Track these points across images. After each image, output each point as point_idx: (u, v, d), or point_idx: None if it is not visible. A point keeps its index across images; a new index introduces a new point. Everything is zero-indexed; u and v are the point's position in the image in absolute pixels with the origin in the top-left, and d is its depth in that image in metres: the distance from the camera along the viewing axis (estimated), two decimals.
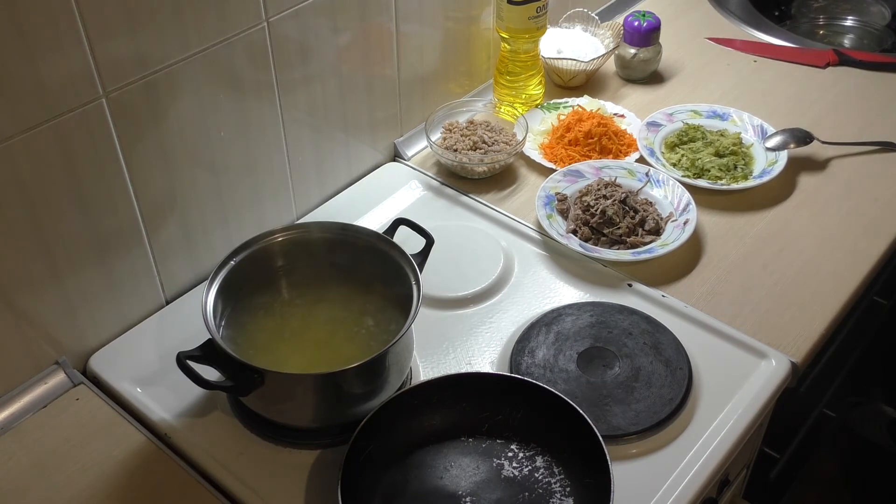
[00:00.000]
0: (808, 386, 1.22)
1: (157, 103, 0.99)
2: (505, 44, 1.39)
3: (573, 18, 1.58)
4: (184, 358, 0.87)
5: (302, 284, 1.03)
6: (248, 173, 1.14)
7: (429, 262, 1.02)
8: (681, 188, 1.25)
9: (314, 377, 0.92)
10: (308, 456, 0.95)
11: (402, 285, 0.97)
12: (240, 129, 1.10)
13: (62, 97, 0.89)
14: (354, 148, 1.30)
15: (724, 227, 1.24)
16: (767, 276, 1.16)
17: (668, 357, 1.03)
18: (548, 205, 1.24)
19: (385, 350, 0.90)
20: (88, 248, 1.00)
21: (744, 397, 1.00)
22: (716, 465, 0.94)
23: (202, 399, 1.00)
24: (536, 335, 1.06)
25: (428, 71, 1.36)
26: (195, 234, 1.12)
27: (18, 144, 0.87)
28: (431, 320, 1.09)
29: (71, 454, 0.95)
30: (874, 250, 1.19)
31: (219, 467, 0.94)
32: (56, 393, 1.01)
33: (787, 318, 1.10)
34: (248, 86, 1.08)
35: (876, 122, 1.42)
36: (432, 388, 0.95)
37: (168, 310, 1.12)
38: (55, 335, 1.01)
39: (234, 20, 1.02)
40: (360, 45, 1.21)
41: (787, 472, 1.43)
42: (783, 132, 1.36)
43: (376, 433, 0.91)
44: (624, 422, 0.96)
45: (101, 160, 0.96)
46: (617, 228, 1.19)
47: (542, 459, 0.92)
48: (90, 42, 0.89)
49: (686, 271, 1.17)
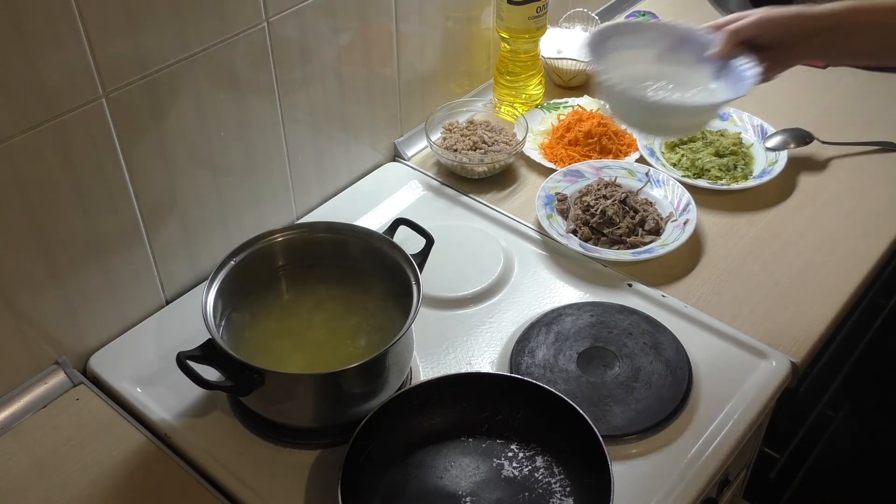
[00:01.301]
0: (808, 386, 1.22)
1: (157, 103, 0.99)
2: (505, 44, 1.39)
3: (573, 18, 1.58)
4: (184, 358, 0.87)
5: (302, 284, 1.03)
6: (248, 173, 1.14)
7: (429, 262, 1.02)
8: (681, 188, 1.25)
9: (314, 377, 0.92)
10: (308, 456, 0.95)
11: (402, 285, 0.97)
12: (240, 129, 1.10)
13: (62, 97, 0.89)
14: (354, 148, 1.30)
15: (724, 227, 1.24)
16: (767, 276, 1.16)
17: (668, 357, 1.03)
18: (548, 205, 1.24)
19: (385, 350, 0.90)
20: (88, 248, 1.00)
21: (744, 397, 1.00)
22: (716, 465, 0.94)
23: (202, 399, 1.00)
24: (536, 335, 1.06)
25: (428, 71, 1.36)
26: (195, 234, 1.12)
27: (18, 144, 0.87)
28: (431, 320, 1.09)
29: (71, 454, 0.95)
30: (874, 250, 1.19)
31: (219, 467, 0.94)
32: (56, 393, 1.01)
33: (787, 318, 1.10)
34: (248, 86, 1.08)
35: (876, 122, 1.42)
36: (432, 388, 0.95)
37: (168, 310, 1.12)
38: (55, 335, 1.01)
39: (234, 20, 1.02)
40: (360, 45, 1.21)
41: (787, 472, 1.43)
42: (783, 132, 1.36)
43: (376, 433, 0.91)
44: (624, 422, 0.96)
45: (101, 160, 0.96)
46: (617, 228, 1.19)
47: (542, 459, 0.92)
48: (90, 42, 0.89)
49: (686, 271, 1.17)
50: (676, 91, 0.98)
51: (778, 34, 0.97)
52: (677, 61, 1.00)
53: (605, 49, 1.00)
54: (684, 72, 1.00)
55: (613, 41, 1.00)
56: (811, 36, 0.96)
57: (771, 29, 0.96)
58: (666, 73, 1.00)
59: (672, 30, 1.01)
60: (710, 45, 0.98)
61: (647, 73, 1.00)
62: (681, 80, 0.99)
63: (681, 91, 0.98)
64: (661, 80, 0.99)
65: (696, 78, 0.99)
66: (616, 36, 1.01)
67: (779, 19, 0.96)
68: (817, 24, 0.95)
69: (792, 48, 0.98)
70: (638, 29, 1.02)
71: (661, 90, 0.98)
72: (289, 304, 1.03)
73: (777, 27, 0.96)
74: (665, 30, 1.02)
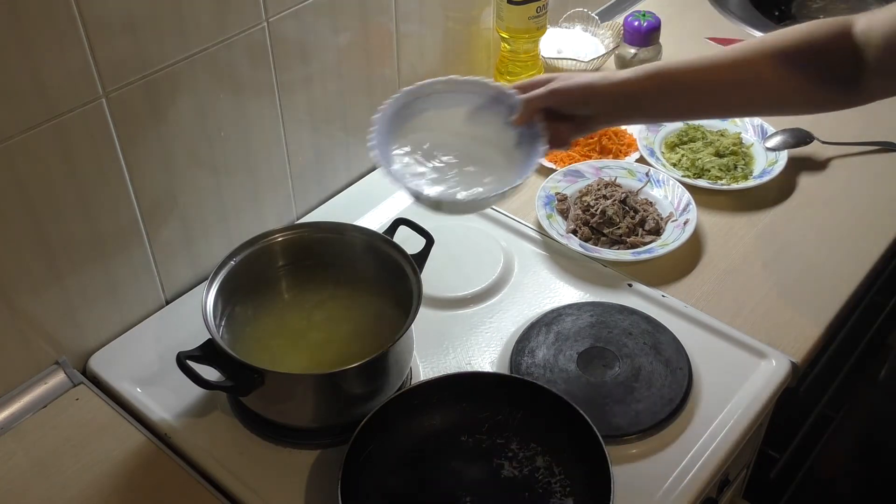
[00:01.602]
0: (808, 386, 1.22)
1: (157, 103, 0.99)
2: (505, 44, 1.39)
3: (573, 18, 1.58)
4: (184, 358, 0.88)
5: (302, 284, 1.03)
6: (248, 173, 1.14)
7: (429, 262, 1.02)
8: (681, 188, 1.25)
9: (314, 377, 0.92)
10: (308, 456, 0.95)
11: (402, 285, 0.97)
12: (240, 129, 1.10)
13: (62, 97, 0.89)
14: (354, 148, 1.30)
15: (724, 227, 1.24)
16: (767, 276, 1.16)
17: (668, 357, 1.03)
18: (548, 205, 1.24)
19: (385, 350, 0.90)
20: (88, 248, 1.00)
21: (744, 397, 1.00)
22: (716, 465, 0.94)
23: (202, 399, 1.00)
24: (536, 335, 1.06)
25: (428, 71, 1.36)
26: (195, 234, 1.12)
27: (18, 144, 0.87)
28: (431, 320, 1.09)
29: (71, 454, 0.95)
30: (874, 250, 1.19)
31: (219, 467, 0.94)
32: (56, 393, 1.01)
33: (787, 318, 1.10)
34: (248, 86, 1.08)
35: (876, 122, 1.42)
36: (432, 388, 0.95)
37: (168, 310, 1.12)
38: (55, 335, 1.01)
39: (233, 20, 1.02)
40: (360, 45, 1.21)
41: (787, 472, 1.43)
42: (783, 132, 1.36)
43: (376, 433, 0.91)
44: (624, 422, 0.96)
45: (101, 160, 0.96)
46: (617, 228, 1.19)
47: (542, 459, 0.92)
48: (90, 42, 0.89)
49: (686, 271, 1.17)
50: (463, 171, 0.95)
51: (576, 106, 0.95)
52: (486, 121, 0.97)
53: (406, 116, 0.97)
54: (491, 134, 0.97)
55: (421, 103, 0.98)
56: (610, 106, 0.94)
57: (566, 100, 0.94)
58: (468, 141, 0.97)
59: (484, 88, 0.98)
60: (515, 108, 0.95)
61: (447, 143, 0.97)
62: (481, 148, 0.97)
63: (471, 165, 0.96)
64: (454, 152, 0.96)
65: (501, 140, 0.96)
66: (424, 97, 0.98)
67: (574, 90, 0.93)
68: (614, 93, 0.93)
69: (593, 118, 0.96)
70: (451, 86, 0.98)
71: (444, 175, 0.95)
72: (289, 304, 1.03)
73: (573, 98, 0.94)
74: (478, 87, 0.98)
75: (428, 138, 0.98)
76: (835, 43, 0.89)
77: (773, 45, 0.91)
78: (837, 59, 0.89)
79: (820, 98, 0.94)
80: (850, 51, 0.88)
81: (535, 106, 0.94)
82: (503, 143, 0.97)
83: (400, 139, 0.97)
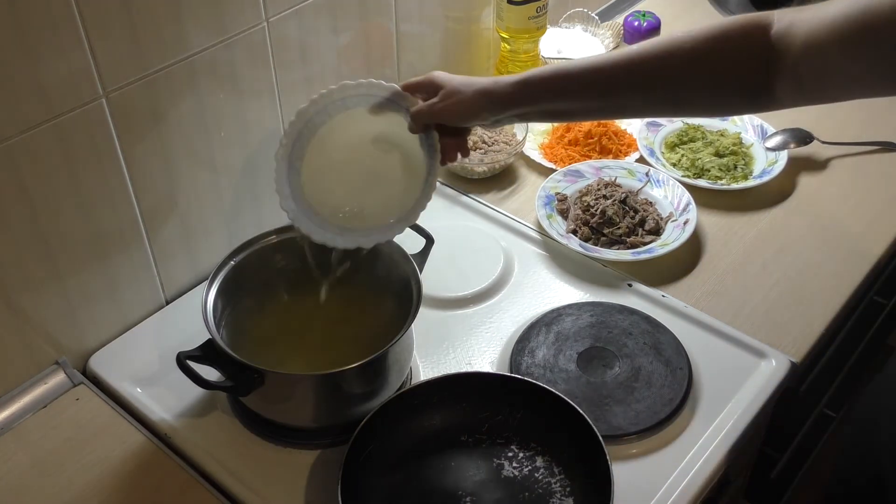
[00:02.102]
0: (808, 386, 1.21)
1: (157, 103, 0.99)
2: (505, 44, 1.39)
3: (573, 18, 1.58)
4: (184, 358, 0.88)
5: (302, 284, 1.03)
6: (248, 173, 1.14)
7: (429, 262, 1.02)
8: (681, 188, 1.25)
9: (314, 377, 0.92)
10: (308, 456, 0.95)
11: (402, 285, 0.97)
12: (240, 129, 1.10)
13: (62, 97, 0.89)
14: None
15: (724, 227, 1.24)
16: (767, 276, 1.16)
17: (668, 357, 1.03)
18: (548, 205, 1.24)
19: (385, 350, 0.90)
20: (88, 248, 1.00)
21: (744, 397, 1.00)
22: (716, 465, 0.94)
23: (202, 399, 1.00)
24: (536, 335, 1.06)
25: (428, 71, 1.36)
26: (195, 234, 1.12)
27: (18, 144, 0.87)
28: (431, 320, 1.09)
29: (71, 454, 0.95)
30: (874, 250, 1.19)
31: (219, 467, 0.94)
32: (56, 393, 1.01)
33: (787, 318, 1.10)
34: (247, 86, 1.08)
35: (876, 122, 1.42)
36: (432, 388, 0.95)
37: (168, 310, 1.12)
38: (55, 335, 1.01)
39: (233, 20, 1.02)
40: (360, 45, 1.21)
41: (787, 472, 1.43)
42: (783, 132, 1.36)
43: (376, 433, 0.91)
44: (624, 422, 0.96)
45: (101, 160, 0.96)
46: (617, 228, 1.19)
47: (542, 459, 0.92)
48: (90, 42, 0.89)
49: (686, 271, 1.17)
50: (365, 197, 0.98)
51: (459, 122, 0.96)
52: (389, 120, 0.98)
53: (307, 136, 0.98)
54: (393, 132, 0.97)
55: (319, 117, 0.98)
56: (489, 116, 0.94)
57: (450, 118, 0.95)
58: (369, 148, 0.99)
59: (379, 89, 0.98)
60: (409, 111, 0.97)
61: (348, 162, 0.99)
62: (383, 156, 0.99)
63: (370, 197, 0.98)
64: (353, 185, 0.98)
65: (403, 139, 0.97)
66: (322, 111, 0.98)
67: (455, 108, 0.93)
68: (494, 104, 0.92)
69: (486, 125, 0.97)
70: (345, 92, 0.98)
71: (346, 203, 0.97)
72: (288, 304, 1.03)
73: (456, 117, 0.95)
74: (372, 90, 0.98)
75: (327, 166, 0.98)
76: (746, 41, 0.83)
77: (679, 45, 0.87)
78: (745, 62, 0.84)
79: (721, 102, 0.89)
80: (761, 51, 0.82)
81: (422, 122, 0.96)
82: (405, 145, 0.98)
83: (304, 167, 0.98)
